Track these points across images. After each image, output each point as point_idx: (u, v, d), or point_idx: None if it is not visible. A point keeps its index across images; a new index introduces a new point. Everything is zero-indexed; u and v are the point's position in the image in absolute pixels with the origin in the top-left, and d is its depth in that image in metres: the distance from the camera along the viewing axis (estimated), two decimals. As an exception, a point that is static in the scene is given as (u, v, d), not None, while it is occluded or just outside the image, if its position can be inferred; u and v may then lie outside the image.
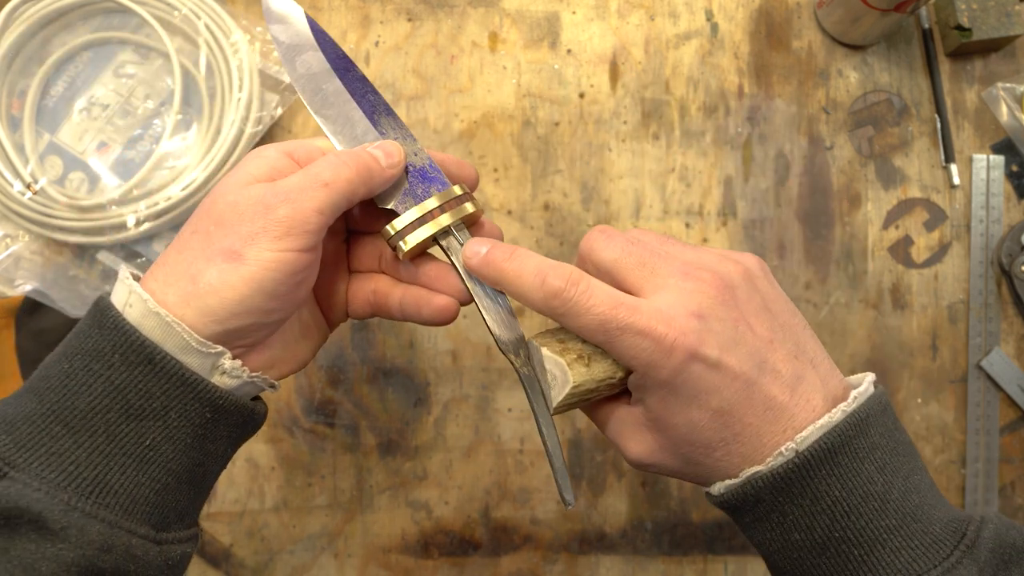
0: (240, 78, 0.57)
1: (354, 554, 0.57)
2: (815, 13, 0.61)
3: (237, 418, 0.34)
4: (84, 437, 0.30)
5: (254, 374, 0.34)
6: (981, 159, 0.60)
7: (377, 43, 0.60)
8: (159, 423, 0.31)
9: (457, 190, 0.37)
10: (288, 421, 0.57)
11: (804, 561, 0.32)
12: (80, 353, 0.31)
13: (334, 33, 0.60)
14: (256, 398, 0.37)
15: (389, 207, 0.37)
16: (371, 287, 0.39)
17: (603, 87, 0.60)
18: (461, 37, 0.60)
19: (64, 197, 0.55)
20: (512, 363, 0.36)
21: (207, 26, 0.57)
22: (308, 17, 0.40)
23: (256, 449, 0.57)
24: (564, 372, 0.34)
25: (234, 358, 0.33)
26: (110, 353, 0.31)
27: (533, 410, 0.36)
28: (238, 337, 0.33)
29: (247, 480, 0.57)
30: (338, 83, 0.38)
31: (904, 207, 0.60)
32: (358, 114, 0.38)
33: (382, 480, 0.58)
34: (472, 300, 0.37)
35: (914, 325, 0.59)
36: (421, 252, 0.38)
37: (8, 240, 0.57)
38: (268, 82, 0.58)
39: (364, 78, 0.39)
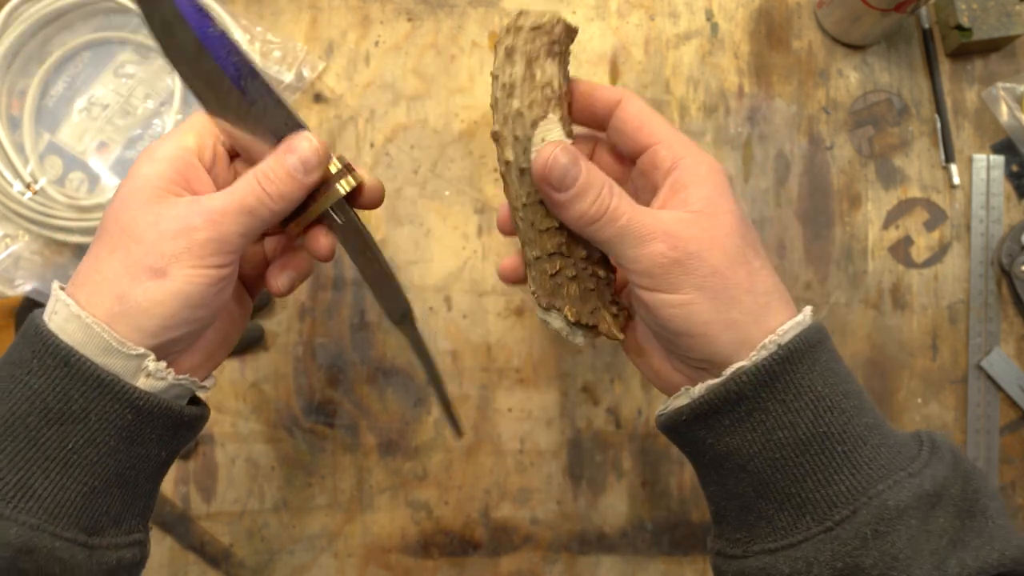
0: (240, 78, 0.57)
1: (354, 554, 0.57)
2: (815, 13, 0.61)
3: (165, 421, 0.34)
4: (6, 443, 0.31)
5: (180, 376, 0.34)
6: (981, 159, 0.60)
7: (377, 43, 0.60)
8: (80, 426, 0.31)
9: (333, 167, 0.37)
10: (288, 421, 0.57)
11: (787, 460, 0.32)
12: (6, 363, 0.32)
13: (334, 33, 0.60)
14: (195, 401, 0.37)
15: None
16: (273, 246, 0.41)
17: (603, 87, 0.60)
18: (461, 37, 0.60)
19: (64, 197, 0.55)
20: (403, 332, 0.39)
21: (207, 26, 0.57)
22: None
23: (256, 449, 0.57)
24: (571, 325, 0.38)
25: (159, 359, 0.33)
26: (30, 359, 0.31)
27: (429, 374, 0.41)
28: (172, 346, 0.34)
29: (247, 480, 0.57)
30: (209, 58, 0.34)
31: (904, 207, 0.60)
32: (227, 85, 0.34)
33: (382, 480, 0.57)
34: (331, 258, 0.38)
35: (914, 325, 0.59)
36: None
37: (8, 240, 0.57)
38: (268, 82, 0.58)
39: (223, 34, 0.35)
